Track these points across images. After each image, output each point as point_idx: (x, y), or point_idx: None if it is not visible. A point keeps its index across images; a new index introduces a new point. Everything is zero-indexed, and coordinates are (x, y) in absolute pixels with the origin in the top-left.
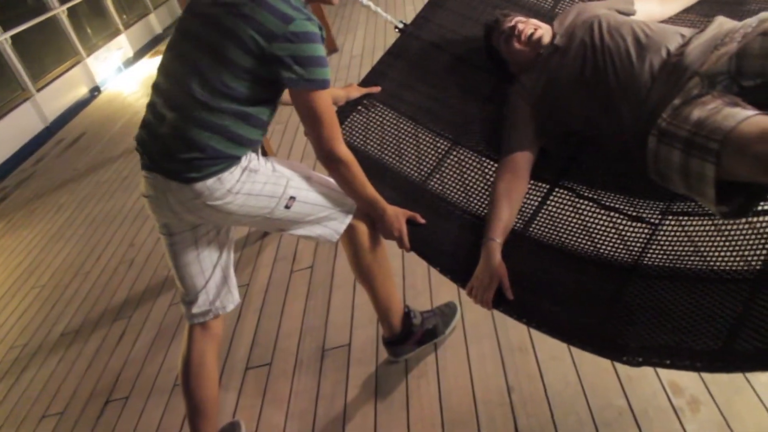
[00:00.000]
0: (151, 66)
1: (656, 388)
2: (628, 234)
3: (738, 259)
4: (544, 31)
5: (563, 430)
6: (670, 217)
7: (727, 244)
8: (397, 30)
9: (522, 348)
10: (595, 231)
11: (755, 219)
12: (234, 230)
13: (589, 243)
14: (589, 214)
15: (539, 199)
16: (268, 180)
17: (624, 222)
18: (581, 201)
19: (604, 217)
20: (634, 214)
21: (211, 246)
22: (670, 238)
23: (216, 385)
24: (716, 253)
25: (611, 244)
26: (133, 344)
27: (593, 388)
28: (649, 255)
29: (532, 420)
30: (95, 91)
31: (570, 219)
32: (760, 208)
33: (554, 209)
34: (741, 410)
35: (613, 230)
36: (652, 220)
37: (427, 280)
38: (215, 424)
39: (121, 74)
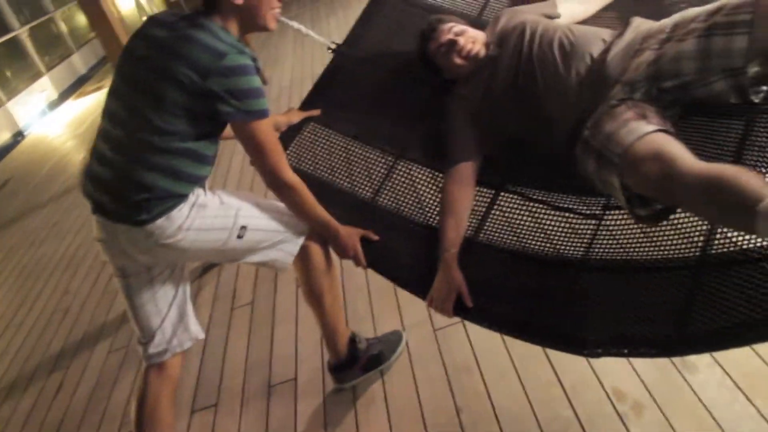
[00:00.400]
0: (76, 107)
1: (601, 396)
2: (575, 230)
3: (670, 250)
4: (480, 45)
5: None
6: (611, 212)
7: (656, 238)
8: (330, 50)
9: (467, 368)
10: (543, 230)
11: (673, 217)
12: (188, 267)
13: (538, 242)
14: (536, 214)
15: (486, 205)
16: (218, 213)
17: (569, 219)
18: (526, 203)
19: (551, 216)
20: (578, 210)
21: (166, 285)
22: (613, 232)
23: (171, 430)
24: (654, 245)
25: (559, 241)
26: (71, 396)
27: (540, 402)
28: (596, 249)
29: None
30: (19, 136)
31: (518, 221)
32: None
33: (502, 213)
34: (682, 410)
35: (560, 228)
36: (596, 215)
37: (369, 308)
38: None
39: (45, 117)
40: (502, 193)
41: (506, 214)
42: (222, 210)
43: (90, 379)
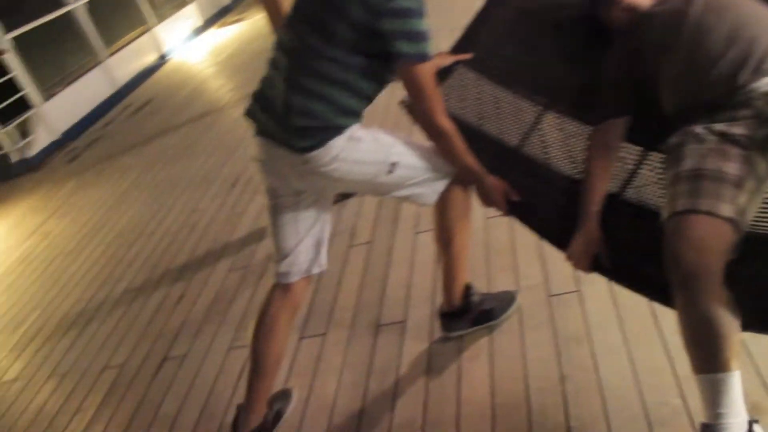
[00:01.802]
0: (217, 36)
1: None
2: None
3: None
4: None
5: (615, 423)
6: None
7: None
8: None
9: (578, 339)
10: None
11: None
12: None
13: None
14: None
15: (635, 162)
16: (372, 147)
17: None
18: None
19: None
20: None
21: (309, 210)
22: None
23: (282, 349)
24: None
25: None
26: (192, 305)
27: (649, 385)
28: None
29: (584, 410)
30: (163, 58)
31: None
32: None
33: (650, 173)
34: None
35: None
36: None
37: (486, 264)
38: (271, 386)
39: (188, 43)
40: (651, 152)
41: (655, 175)
42: (375, 145)
43: (209, 293)
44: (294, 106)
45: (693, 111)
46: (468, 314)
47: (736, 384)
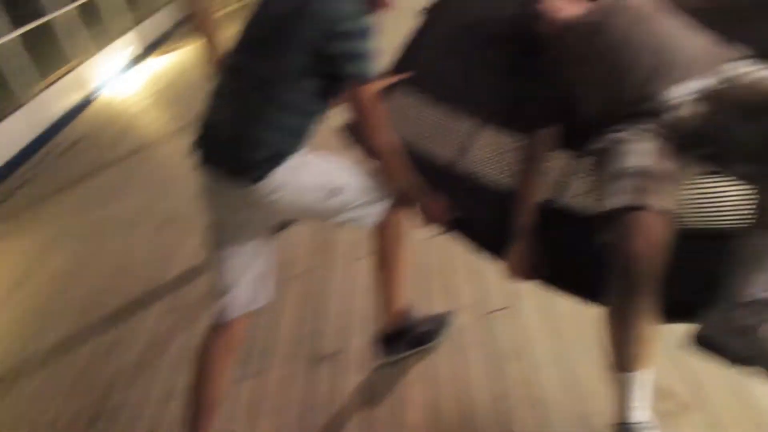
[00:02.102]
0: (155, 65)
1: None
2: None
3: None
4: (570, 9)
5: None
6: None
7: None
8: (421, 11)
9: (516, 354)
10: None
11: None
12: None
13: None
14: None
15: (566, 169)
16: (315, 173)
17: None
18: None
19: None
20: None
21: (251, 244)
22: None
23: (220, 389)
24: None
25: None
26: (125, 353)
27: (587, 394)
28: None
29: (526, 426)
30: (95, 93)
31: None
32: None
33: (581, 178)
34: (729, 414)
35: None
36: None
37: (421, 286)
38: (209, 427)
39: (124, 74)
40: (581, 158)
41: (585, 178)
42: (317, 171)
43: (144, 338)
44: (243, 133)
45: (612, 118)
46: (404, 337)
47: (651, 379)
